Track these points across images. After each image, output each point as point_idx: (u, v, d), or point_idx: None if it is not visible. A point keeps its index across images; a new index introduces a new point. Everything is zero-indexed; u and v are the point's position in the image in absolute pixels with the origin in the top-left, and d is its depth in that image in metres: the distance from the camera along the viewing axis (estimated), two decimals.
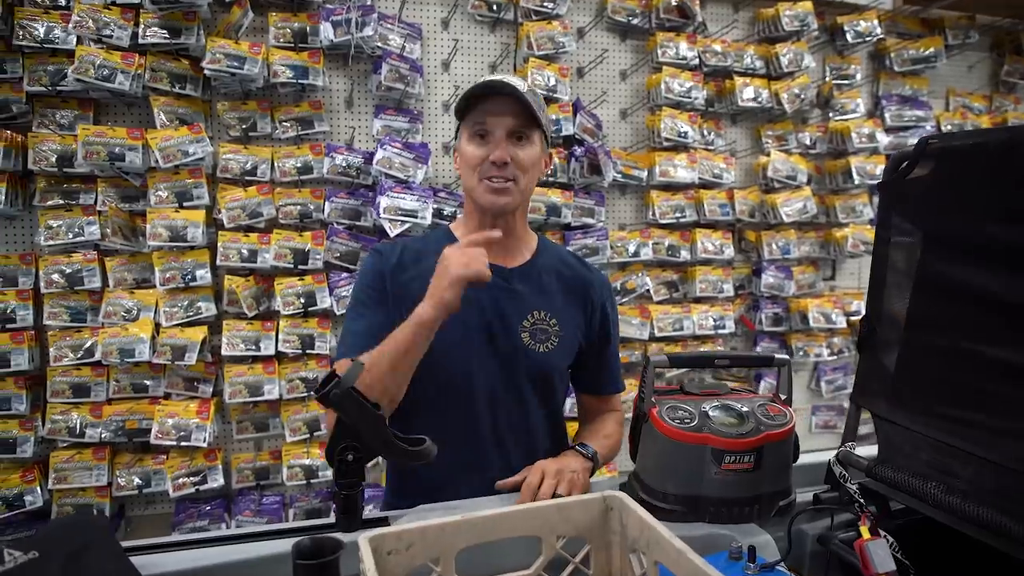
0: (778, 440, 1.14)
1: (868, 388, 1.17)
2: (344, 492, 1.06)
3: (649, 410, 1.16)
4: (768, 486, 1.15)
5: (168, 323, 2.44)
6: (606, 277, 1.60)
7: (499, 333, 1.42)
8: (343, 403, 1.01)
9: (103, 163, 2.30)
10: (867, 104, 3.39)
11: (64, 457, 2.39)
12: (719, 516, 1.13)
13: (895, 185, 1.03)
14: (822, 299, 3.30)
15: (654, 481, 1.15)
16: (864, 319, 1.17)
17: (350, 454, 1.05)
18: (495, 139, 1.37)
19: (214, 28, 2.45)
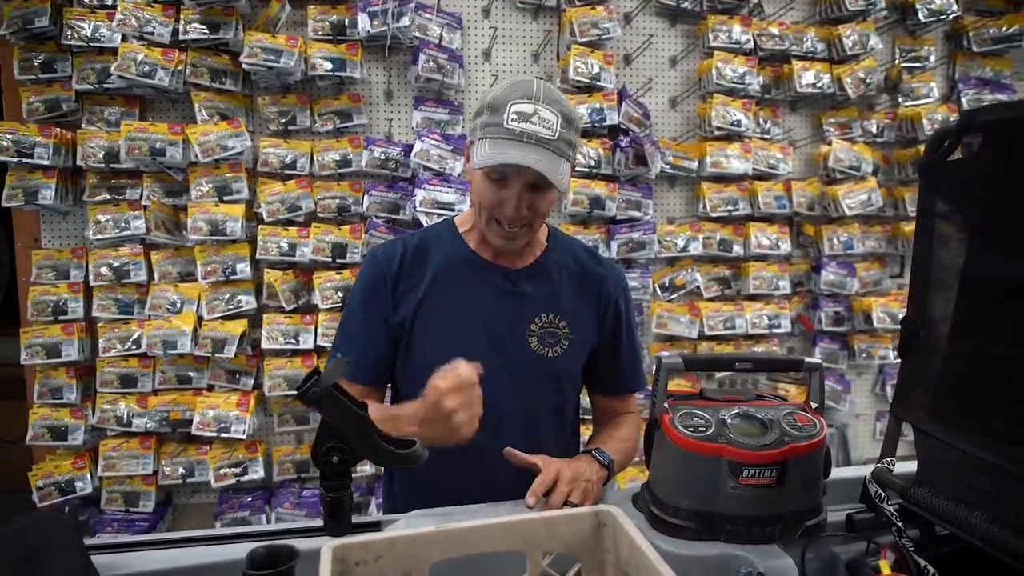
0: (805, 453, 1.03)
1: (909, 399, 1.04)
2: (331, 495, 1.01)
3: (661, 416, 1.07)
4: (793, 504, 1.04)
5: (210, 316, 2.47)
6: (621, 272, 1.50)
7: (505, 340, 1.35)
8: (324, 402, 0.96)
9: (145, 158, 2.34)
10: (942, 88, 3.14)
11: (112, 445, 2.46)
12: (736, 535, 1.03)
13: (937, 166, 0.90)
14: (888, 297, 3.08)
15: (666, 494, 1.06)
16: (905, 321, 1.04)
17: (335, 455, 1.00)
18: (512, 187, 1.24)
19: (253, 23, 2.46)
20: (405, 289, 1.36)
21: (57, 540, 0.81)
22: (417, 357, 1.35)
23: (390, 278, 1.36)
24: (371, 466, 2.63)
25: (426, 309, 1.34)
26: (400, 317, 1.35)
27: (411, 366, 1.36)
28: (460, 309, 1.35)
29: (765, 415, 1.06)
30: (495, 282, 1.37)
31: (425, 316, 1.34)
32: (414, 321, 1.34)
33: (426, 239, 1.42)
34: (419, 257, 1.38)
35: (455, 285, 1.36)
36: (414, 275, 1.37)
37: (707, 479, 1.02)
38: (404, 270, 1.37)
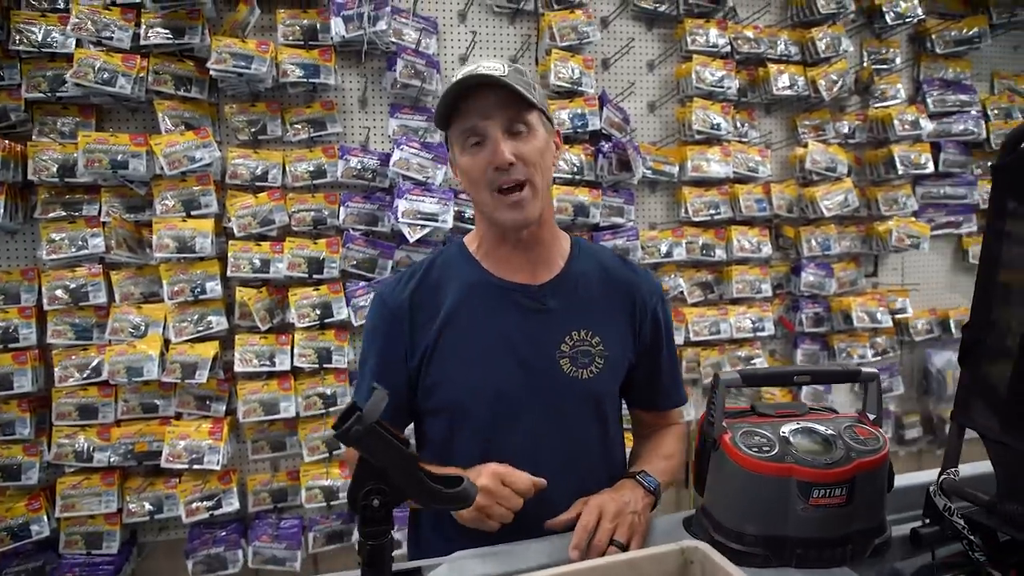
0: (872, 468, 0.97)
1: (973, 406, 1.00)
2: (371, 542, 0.89)
3: (720, 436, 1.00)
4: (861, 523, 0.98)
5: (178, 339, 2.31)
6: (655, 278, 1.40)
7: (535, 365, 1.23)
8: (367, 441, 0.85)
9: (106, 172, 2.18)
10: (908, 90, 3.20)
11: (72, 483, 2.27)
12: (807, 559, 0.96)
13: (1015, 167, 0.86)
14: (865, 297, 3.11)
15: (729, 519, 0.99)
16: (968, 327, 0.99)
17: (376, 498, 0.88)
18: (491, 141, 1.16)
19: (219, 27, 2.32)
20: (420, 327, 1.24)
21: None
22: (439, 392, 1.24)
23: (404, 321, 1.25)
24: None
25: (444, 341, 1.23)
26: (418, 358, 1.24)
27: (431, 404, 1.25)
28: (481, 336, 1.23)
29: (826, 430, 1.00)
30: (517, 302, 1.25)
31: (444, 349, 1.23)
32: (432, 356, 1.23)
33: (437, 266, 1.31)
34: (431, 288, 1.27)
35: (474, 311, 1.24)
36: (428, 309, 1.25)
37: (775, 502, 0.95)
38: (416, 307, 1.25)
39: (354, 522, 2.56)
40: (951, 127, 3.20)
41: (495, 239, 1.27)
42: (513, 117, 1.17)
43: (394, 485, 0.89)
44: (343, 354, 2.46)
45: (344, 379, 2.49)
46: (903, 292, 3.22)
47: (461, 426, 1.23)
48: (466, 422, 1.23)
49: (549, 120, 1.25)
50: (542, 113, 1.21)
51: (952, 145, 3.22)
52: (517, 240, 1.25)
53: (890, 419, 3.31)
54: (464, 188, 1.26)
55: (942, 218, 3.26)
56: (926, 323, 3.26)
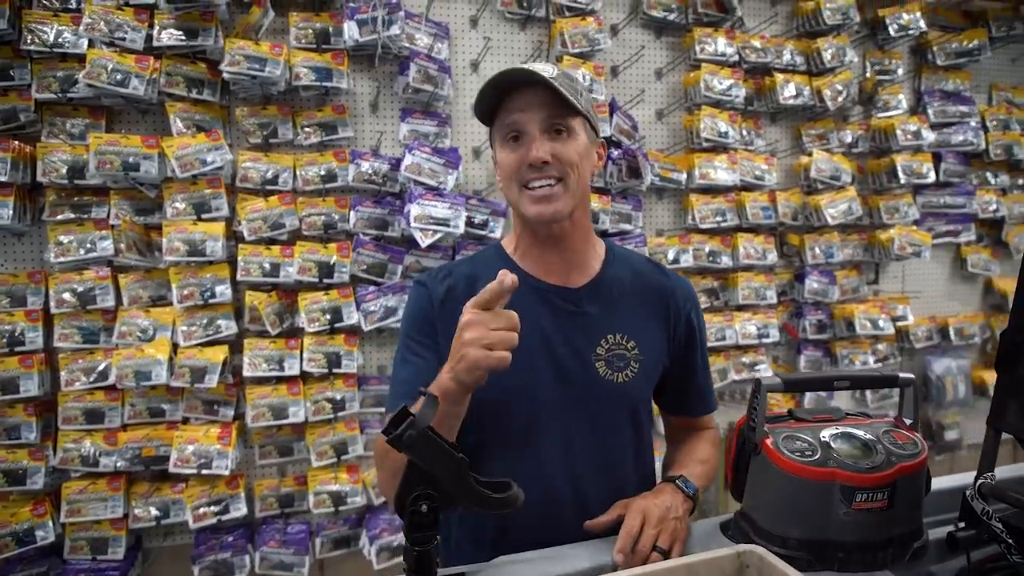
0: (912, 473, 0.98)
1: (1010, 410, 1.01)
2: (417, 548, 0.89)
3: (761, 440, 1.00)
4: (902, 527, 0.99)
5: (186, 343, 2.29)
6: (689, 283, 1.40)
7: (571, 367, 1.23)
8: (419, 446, 0.85)
9: (117, 174, 2.16)
10: (909, 100, 3.24)
11: (77, 488, 2.24)
12: (849, 564, 0.97)
13: None
14: (867, 304, 3.14)
15: (772, 524, 0.99)
16: (1006, 333, 1.01)
17: (424, 504, 0.88)
18: (529, 138, 1.17)
19: (232, 30, 2.31)
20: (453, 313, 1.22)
21: None
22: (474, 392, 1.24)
23: (436, 300, 1.25)
24: (362, 496, 2.49)
25: None
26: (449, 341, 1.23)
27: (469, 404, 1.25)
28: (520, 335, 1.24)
29: (865, 435, 1.01)
30: (554, 303, 1.26)
31: None
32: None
33: (475, 266, 1.31)
34: (469, 286, 1.26)
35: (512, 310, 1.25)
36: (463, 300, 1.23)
37: (818, 506, 0.96)
38: (453, 295, 1.25)
39: (361, 527, 2.55)
40: (951, 137, 3.25)
41: (530, 239, 1.28)
42: (554, 117, 1.17)
43: (443, 490, 0.89)
44: (352, 359, 2.45)
45: (353, 384, 2.48)
46: (904, 300, 3.25)
47: (495, 426, 1.23)
48: (500, 422, 1.23)
49: (595, 130, 1.25)
50: (587, 121, 1.22)
51: (952, 155, 3.27)
52: (548, 238, 1.25)
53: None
54: (500, 183, 1.28)
55: (942, 227, 3.30)
56: (926, 330, 3.29)
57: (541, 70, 1.15)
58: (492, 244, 1.38)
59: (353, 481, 2.48)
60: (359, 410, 2.50)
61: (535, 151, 1.15)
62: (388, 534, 2.49)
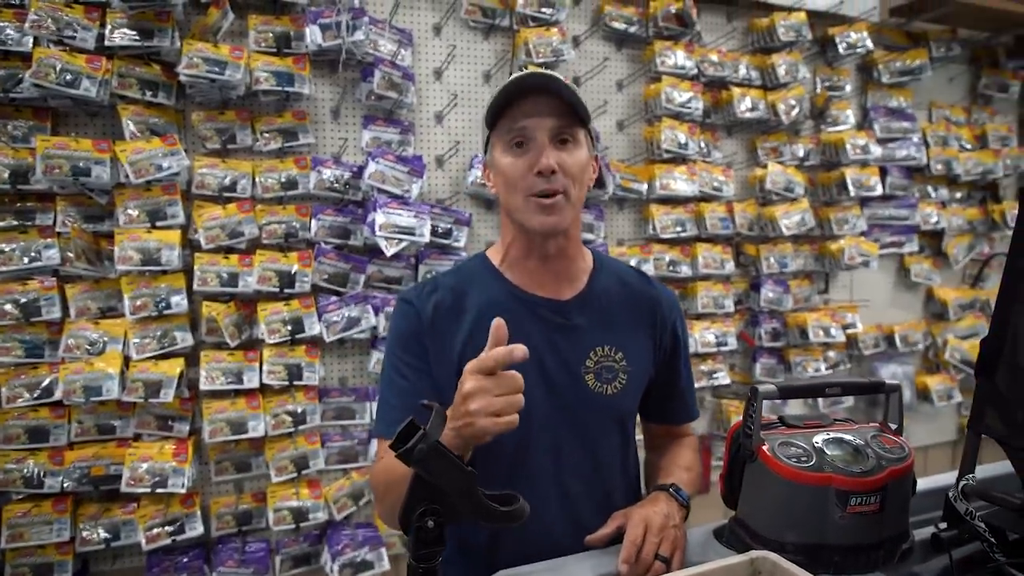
0: (901, 476, 1.02)
1: (988, 414, 1.05)
2: (423, 566, 0.87)
3: (757, 447, 1.02)
4: (891, 529, 1.03)
5: (139, 356, 2.19)
6: (674, 293, 1.42)
7: (561, 381, 1.23)
8: (430, 460, 0.83)
9: (66, 179, 2.05)
10: (856, 116, 3.36)
11: (19, 511, 2.11)
12: (844, 566, 1.00)
13: None
14: (820, 313, 3.24)
15: (767, 529, 1.01)
16: (988, 340, 1.05)
17: (430, 519, 0.86)
18: (537, 145, 1.16)
19: (188, 31, 2.23)
20: (444, 334, 1.23)
21: None
22: None
23: (425, 319, 1.23)
24: (323, 512, 2.43)
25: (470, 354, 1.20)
26: (444, 370, 1.21)
27: None
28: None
29: (855, 440, 1.04)
30: (544, 316, 1.26)
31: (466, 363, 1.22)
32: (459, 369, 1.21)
33: (460, 278, 1.29)
34: (457, 299, 1.25)
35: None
36: (452, 319, 1.24)
37: (815, 510, 0.98)
38: (440, 316, 1.23)
39: (322, 544, 2.48)
40: (895, 152, 3.38)
41: (522, 250, 1.26)
42: (563, 126, 1.17)
43: (449, 504, 0.86)
44: (314, 371, 2.39)
45: (314, 396, 2.42)
46: (853, 308, 3.37)
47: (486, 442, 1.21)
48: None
49: (593, 142, 1.26)
50: (588, 134, 1.23)
51: (896, 169, 3.40)
52: (544, 252, 1.24)
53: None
54: (496, 191, 1.25)
55: (887, 238, 3.43)
56: (873, 338, 3.41)
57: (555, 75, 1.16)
58: (477, 255, 1.37)
59: (315, 496, 2.41)
60: (320, 423, 2.43)
61: (546, 159, 1.14)
62: (351, 550, 2.43)
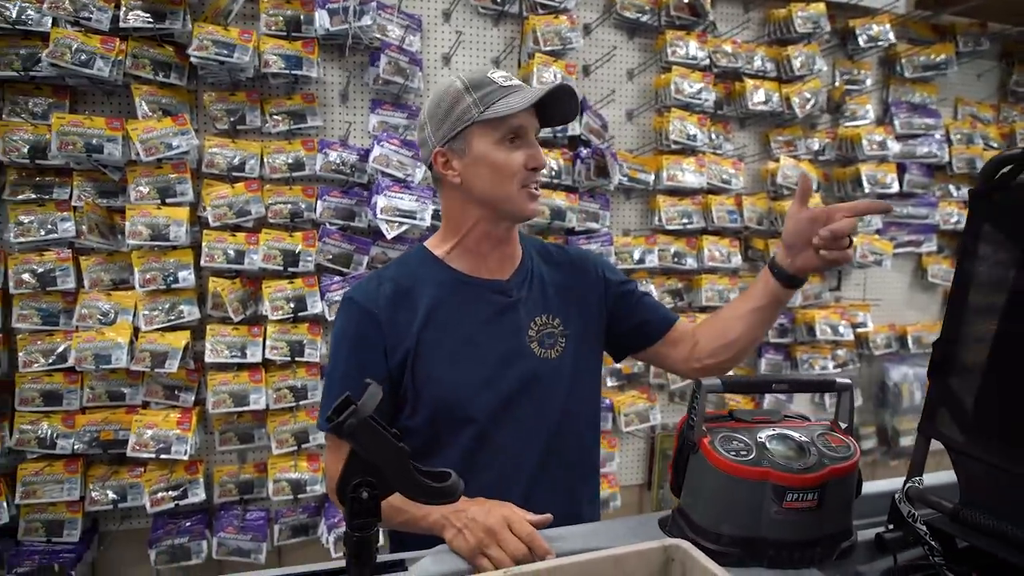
0: (842, 475, 1.03)
1: (940, 418, 1.06)
2: (357, 534, 0.91)
3: (699, 439, 1.04)
4: (831, 526, 1.04)
5: (148, 327, 2.28)
6: (587, 251, 1.58)
7: (511, 353, 1.33)
8: (360, 434, 0.87)
9: (80, 155, 2.14)
10: (876, 111, 3.30)
11: (33, 470, 2.23)
12: (779, 560, 1.02)
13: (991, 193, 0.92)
14: (828, 310, 3.20)
15: (705, 520, 1.03)
16: (939, 342, 1.05)
17: (365, 491, 0.90)
18: (529, 143, 1.30)
19: (201, 13, 2.30)
20: (398, 326, 1.29)
21: None
22: (426, 390, 1.29)
23: (381, 320, 1.28)
24: (321, 485, 2.51)
25: (425, 343, 1.29)
26: (398, 359, 1.28)
27: (419, 402, 1.30)
28: (460, 333, 1.31)
29: (801, 437, 1.05)
30: (490, 298, 1.35)
31: (426, 348, 1.29)
32: (415, 357, 1.28)
33: (405, 271, 1.36)
34: (404, 291, 1.32)
35: (450, 311, 1.32)
36: (404, 310, 1.30)
37: (751, 504, 1.00)
38: (392, 307, 1.30)
39: (319, 516, 2.56)
40: (916, 149, 3.31)
41: (481, 237, 1.35)
42: (539, 130, 1.34)
43: (383, 478, 0.91)
44: (315, 348, 2.46)
45: (316, 373, 2.49)
46: (865, 307, 3.32)
47: (448, 418, 1.29)
48: (452, 413, 1.29)
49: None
50: None
51: (916, 167, 3.33)
52: (505, 237, 1.36)
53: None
54: (460, 181, 1.31)
55: (904, 237, 3.37)
56: (885, 338, 3.36)
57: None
58: (415, 248, 1.44)
59: (313, 469, 2.49)
60: (320, 399, 2.50)
61: (542, 158, 1.31)
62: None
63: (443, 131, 1.30)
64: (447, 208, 1.39)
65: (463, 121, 1.28)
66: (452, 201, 1.36)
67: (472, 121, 1.27)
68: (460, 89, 1.28)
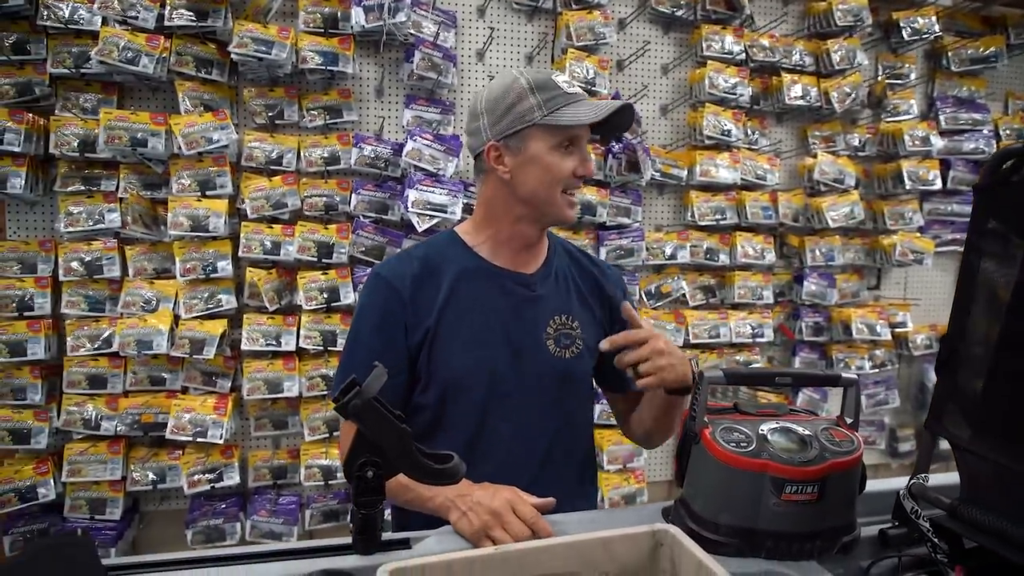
0: (844, 469, 1.02)
1: (946, 415, 1.03)
2: (363, 511, 0.95)
3: (701, 430, 1.04)
4: (831, 520, 1.03)
5: (187, 315, 2.36)
6: (617, 272, 1.55)
7: (525, 346, 1.35)
8: (364, 415, 0.90)
9: (125, 148, 2.23)
10: (920, 106, 3.21)
11: (79, 449, 2.33)
12: (777, 552, 1.01)
13: (996, 188, 0.90)
14: (866, 309, 3.14)
15: (705, 510, 1.03)
16: (945, 339, 1.03)
17: (370, 470, 0.94)
18: (581, 152, 1.32)
19: (242, 11, 2.37)
20: (422, 305, 1.32)
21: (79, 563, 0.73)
22: (438, 370, 1.32)
23: (406, 298, 1.31)
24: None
25: (444, 324, 1.32)
26: (418, 338, 1.31)
27: (429, 379, 1.33)
28: (478, 319, 1.34)
29: (804, 430, 1.05)
30: (511, 289, 1.37)
31: (444, 330, 1.32)
32: (434, 337, 1.31)
33: (433, 252, 1.39)
34: (430, 271, 1.35)
35: (472, 296, 1.34)
36: (428, 289, 1.33)
37: (749, 495, 1.00)
38: (417, 286, 1.32)
39: (349, 502, 2.61)
40: (962, 145, 3.22)
41: (514, 233, 1.37)
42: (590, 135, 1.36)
43: (388, 458, 0.94)
44: None
45: None
46: (904, 306, 3.24)
47: (456, 400, 1.33)
48: (460, 397, 1.32)
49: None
50: None
51: (962, 163, 3.24)
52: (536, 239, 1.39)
53: (884, 431, 3.34)
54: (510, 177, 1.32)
55: (947, 235, 3.28)
56: (925, 338, 3.27)
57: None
58: (446, 232, 1.46)
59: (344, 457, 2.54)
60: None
61: (592, 165, 1.35)
62: None
63: (501, 126, 1.30)
64: (488, 199, 1.39)
65: (524, 121, 1.28)
66: (495, 194, 1.36)
67: (534, 123, 1.27)
68: (524, 88, 1.29)
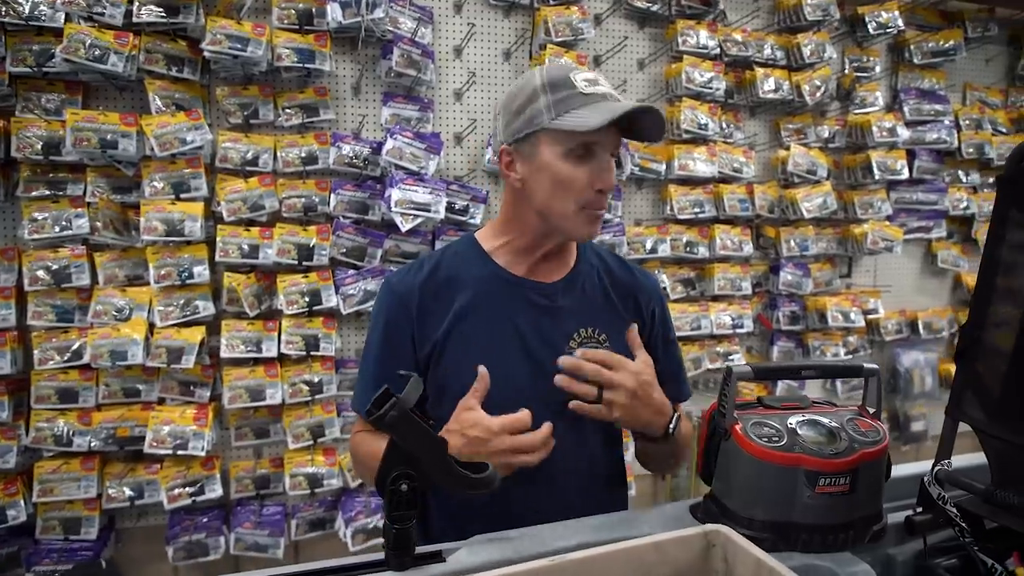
0: (873, 459, 1.02)
1: (967, 401, 1.05)
2: (397, 526, 0.91)
3: (731, 426, 1.04)
4: (863, 510, 1.04)
5: (163, 323, 2.28)
6: (655, 279, 1.44)
7: (544, 360, 1.23)
8: (401, 426, 0.87)
9: (94, 151, 2.13)
10: (886, 97, 3.30)
11: (50, 468, 2.22)
12: (812, 544, 1.01)
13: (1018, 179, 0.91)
14: (840, 297, 3.21)
15: (738, 506, 1.03)
16: (966, 327, 1.05)
17: (404, 483, 0.90)
18: (599, 161, 1.17)
19: (213, 8, 2.29)
20: (431, 315, 1.25)
21: None
22: (450, 382, 1.24)
23: (412, 309, 1.26)
24: (338, 479, 2.50)
25: (456, 335, 1.24)
26: (427, 350, 1.25)
27: (444, 395, 1.24)
28: (494, 330, 1.25)
29: (831, 422, 1.05)
30: (530, 299, 1.28)
31: (456, 342, 1.24)
32: (444, 348, 1.24)
33: (448, 258, 1.32)
34: (444, 281, 1.27)
35: (488, 306, 1.26)
36: (440, 299, 1.26)
37: (784, 489, 0.99)
38: (426, 296, 1.26)
39: (336, 510, 2.56)
40: (925, 135, 3.31)
41: (530, 245, 1.28)
42: (617, 146, 1.21)
43: (422, 470, 0.90)
44: (330, 342, 2.45)
45: (331, 367, 2.48)
46: (875, 293, 3.32)
47: None
48: None
49: None
50: None
51: (925, 153, 3.33)
52: (553, 251, 1.29)
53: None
54: (520, 185, 1.24)
55: (914, 223, 3.37)
56: (896, 324, 3.37)
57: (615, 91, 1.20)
58: (465, 236, 1.38)
59: (329, 464, 2.49)
60: (336, 393, 2.50)
61: (612, 180, 1.20)
62: (363, 516, 2.51)
63: (512, 129, 1.21)
64: (505, 206, 1.31)
65: (533, 124, 1.18)
66: (512, 201, 1.29)
67: (542, 127, 1.17)
68: (537, 87, 1.18)
